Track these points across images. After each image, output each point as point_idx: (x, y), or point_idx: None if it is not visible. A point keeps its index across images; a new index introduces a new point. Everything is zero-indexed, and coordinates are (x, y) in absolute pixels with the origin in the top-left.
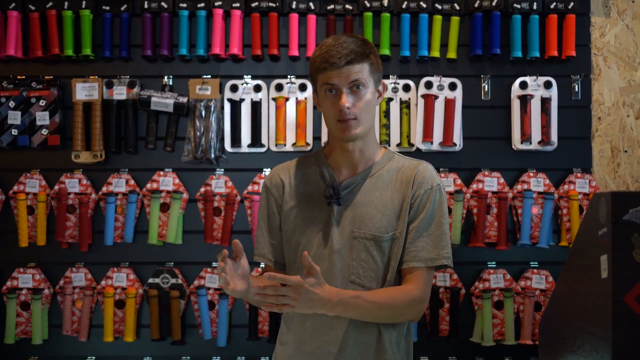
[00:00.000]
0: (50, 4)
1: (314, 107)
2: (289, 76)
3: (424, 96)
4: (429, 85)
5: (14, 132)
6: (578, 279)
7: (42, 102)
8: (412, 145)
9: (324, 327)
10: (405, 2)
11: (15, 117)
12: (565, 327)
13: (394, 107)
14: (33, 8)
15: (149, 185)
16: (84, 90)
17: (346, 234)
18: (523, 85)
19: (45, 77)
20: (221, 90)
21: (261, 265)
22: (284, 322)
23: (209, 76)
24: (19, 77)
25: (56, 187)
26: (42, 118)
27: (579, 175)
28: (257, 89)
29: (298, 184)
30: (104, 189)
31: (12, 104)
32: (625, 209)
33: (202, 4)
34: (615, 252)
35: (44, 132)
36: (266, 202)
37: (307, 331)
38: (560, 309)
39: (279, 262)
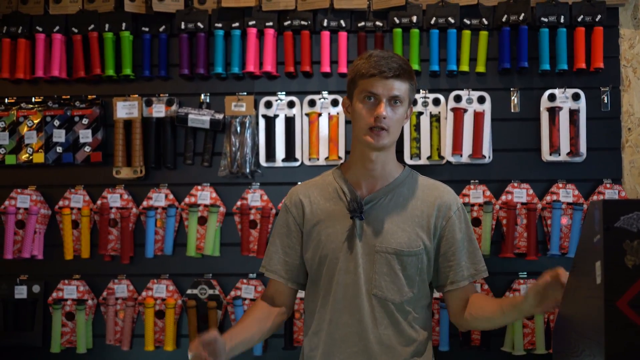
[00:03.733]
0: (92, 26)
1: (346, 122)
2: (321, 92)
3: (453, 110)
4: (458, 99)
5: (59, 149)
6: (579, 285)
7: (85, 121)
8: (442, 157)
9: (353, 339)
10: (434, 18)
11: (59, 135)
12: (571, 333)
13: (424, 121)
14: (76, 31)
15: (187, 200)
16: (125, 109)
17: (369, 248)
18: (551, 97)
19: (88, 96)
20: (256, 107)
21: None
22: (313, 334)
23: (244, 93)
24: (63, 97)
25: (99, 202)
26: (85, 136)
27: (608, 185)
28: (291, 105)
29: (318, 202)
30: (144, 203)
31: (56, 122)
32: (617, 216)
33: (237, 24)
34: (608, 258)
35: (87, 149)
36: (285, 220)
37: (336, 343)
38: (567, 315)
39: (291, 279)
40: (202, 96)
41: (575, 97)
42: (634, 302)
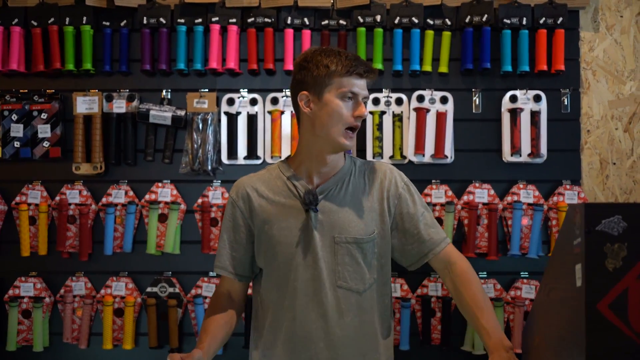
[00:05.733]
0: (52, 19)
1: None
2: (284, 90)
3: (416, 109)
4: (420, 98)
5: (17, 144)
6: (556, 287)
7: (44, 115)
8: (404, 157)
9: (318, 334)
10: (398, 18)
11: (17, 130)
12: (545, 334)
13: (387, 120)
14: (35, 24)
15: (147, 197)
16: (85, 104)
17: (328, 240)
18: (513, 98)
19: (47, 90)
20: (218, 104)
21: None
22: (268, 333)
23: (206, 90)
24: (21, 90)
25: (57, 198)
26: (44, 131)
27: (568, 187)
28: (253, 102)
29: (267, 196)
30: (104, 199)
31: (14, 117)
32: (598, 219)
33: (200, 20)
34: (589, 262)
35: (46, 144)
36: (232, 214)
37: (299, 340)
38: (540, 316)
39: (239, 274)
40: (164, 92)
41: (537, 98)
42: (614, 305)
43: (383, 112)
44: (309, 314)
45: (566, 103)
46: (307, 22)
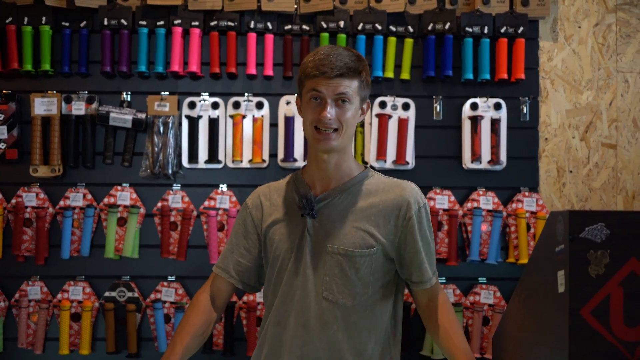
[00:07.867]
0: (10, 19)
1: (271, 125)
2: (246, 94)
3: (378, 115)
4: (383, 105)
5: None
6: (534, 294)
7: (0, 117)
8: (366, 163)
9: (298, 343)
10: (361, 24)
11: None
12: (520, 339)
13: None
14: None
15: (106, 200)
16: (43, 105)
17: (320, 248)
18: (474, 106)
19: (4, 91)
20: (179, 107)
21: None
22: (262, 335)
23: (167, 93)
24: None
25: (13, 201)
26: (0, 132)
27: (526, 194)
28: (215, 106)
29: (277, 203)
30: (61, 203)
31: None
32: (582, 227)
33: (162, 22)
34: (572, 268)
35: (2, 146)
36: (243, 220)
37: (281, 346)
38: (515, 322)
39: (243, 281)
40: (124, 95)
41: (497, 106)
42: (596, 311)
43: None
44: (291, 320)
45: (525, 111)
46: (271, 27)
